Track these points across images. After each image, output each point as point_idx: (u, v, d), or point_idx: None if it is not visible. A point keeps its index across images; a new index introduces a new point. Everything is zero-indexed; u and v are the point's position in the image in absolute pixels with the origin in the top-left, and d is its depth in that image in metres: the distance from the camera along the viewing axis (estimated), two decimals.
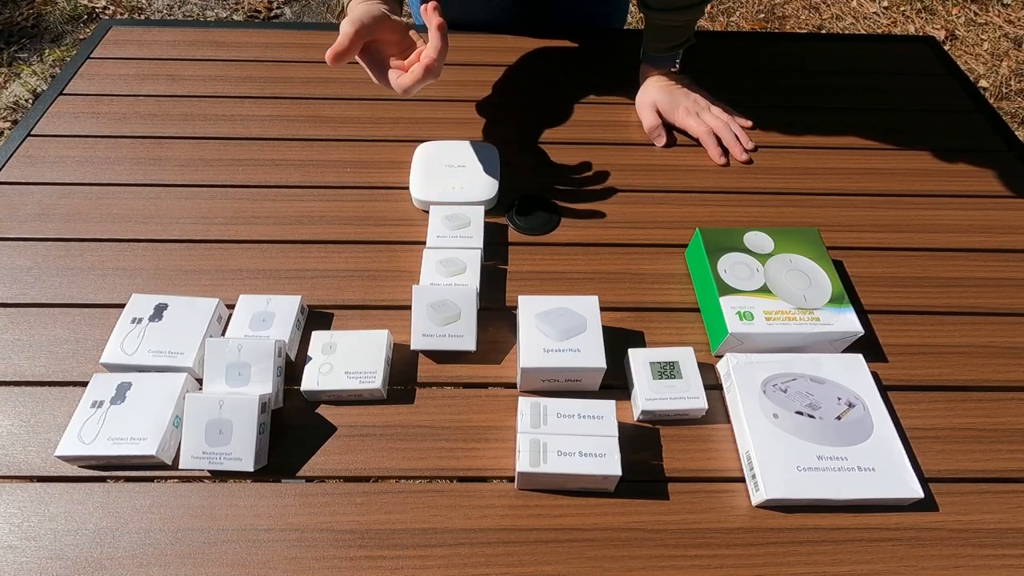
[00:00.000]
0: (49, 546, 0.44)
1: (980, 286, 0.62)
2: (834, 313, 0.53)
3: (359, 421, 0.51)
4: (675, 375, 0.51)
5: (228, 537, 0.45)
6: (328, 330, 0.54)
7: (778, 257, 0.57)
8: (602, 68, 0.85)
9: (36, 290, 0.59)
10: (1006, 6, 2.22)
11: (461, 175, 0.67)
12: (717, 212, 0.68)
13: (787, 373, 0.51)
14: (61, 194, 0.67)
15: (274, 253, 0.62)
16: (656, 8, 0.71)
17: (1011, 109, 1.88)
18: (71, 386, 0.52)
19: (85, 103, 0.78)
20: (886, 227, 0.67)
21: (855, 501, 0.46)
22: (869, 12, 2.20)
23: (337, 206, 0.67)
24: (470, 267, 0.58)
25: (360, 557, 0.44)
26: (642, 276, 0.62)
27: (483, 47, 0.87)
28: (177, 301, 0.55)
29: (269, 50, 0.86)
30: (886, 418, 0.49)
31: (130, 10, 2.15)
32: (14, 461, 0.48)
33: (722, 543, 0.45)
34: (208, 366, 0.49)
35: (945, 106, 0.82)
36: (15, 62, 1.93)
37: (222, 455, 0.46)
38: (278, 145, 0.73)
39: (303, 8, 2.17)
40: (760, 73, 0.85)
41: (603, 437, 0.46)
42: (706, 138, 0.73)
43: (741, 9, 2.22)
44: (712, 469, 0.49)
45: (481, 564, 0.44)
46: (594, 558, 0.45)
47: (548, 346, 0.51)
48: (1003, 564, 0.45)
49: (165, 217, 0.65)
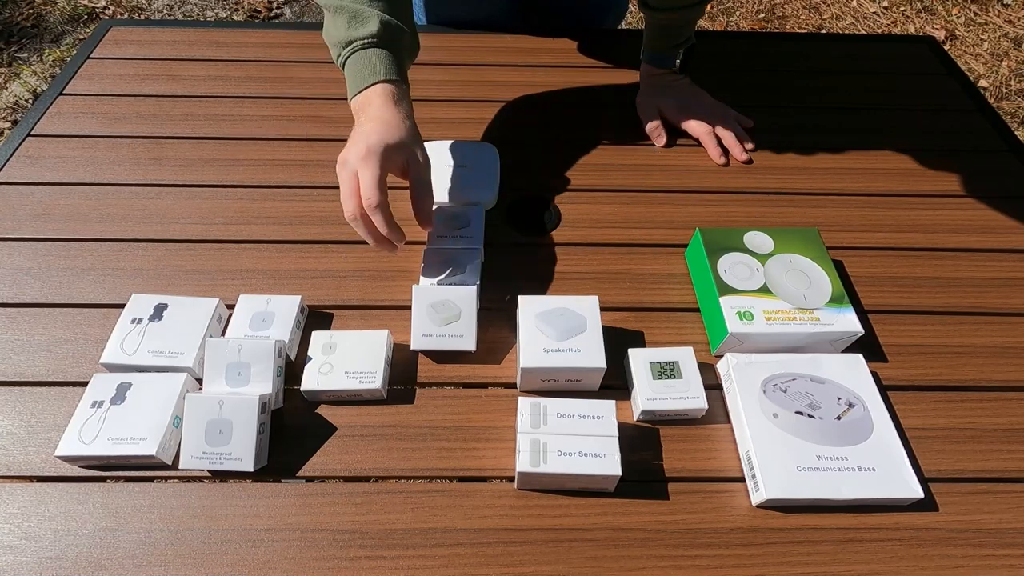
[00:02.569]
0: (49, 546, 0.44)
1: (980, 286, 0.62)
2: (834, 313, 0.53)
3: (359, 421, 0.51)
4: (675, 375, 0.51)
5: (228, 537, 0.45)
6: (328, 330, 0.54)
7: (778, 257, 0.57)
8: (602, 68, 0.85)
9: (36, 290, 0.59)
10: (1006, 6, 2.22)
11: (461, 175, 0.67)
12: (717, 212, 0.68)
13: (787, 373, 0.51)
14: (61, 194, 0.67)
15: (274, 253, 0.62)
16: (657, 7, 0.71)
17: (1011, 109, 1.88)
18: (71, 386, 0.52)
19: (85, 103, 0.78)
20: (886, 227, 0.67)
21: (855, 501, 0.46)
22: (869, 12, 2.20)
23: (337, 206, 0.66)
24: (469, 267, 0.58)
25: (360, 557, 0.44)
26: (642, 276, 0.62)
27: (483, 47, 0.87)
28: (177, 301, 0.55)
29: (269, 50, 0.86)
30: (886, 418, 0.49)
31: (130, 10, 2.15)
32: (14, 461, 0.48)
33: (722, 543, 0.45)
34: (208, 366, 0.49)
35: (945, 106, 0.82)
36: (15, 62, 1.92)
37: (222, 455, 0.46)
38: (278, 145, 0.73)
39: (303, 8, 2.17)
40: (760, 73, 0.85)
41: (603, 437, 0.46)
42: (706, 138, 0.73)
43: (741, 9, 2.22)
44: (712, 469, 0.49)
45: (481, 564, 0.44)
46: (594, 558, 0.45)
47: (548, 346, 0.51)
48: (1003, 564, 0.45)
49: (165, 217, 0.65)
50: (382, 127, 0.52)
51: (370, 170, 0.50)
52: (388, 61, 0.55)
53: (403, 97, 0.56)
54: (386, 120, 0.53)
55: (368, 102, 0.54)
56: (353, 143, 0.53)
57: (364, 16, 0.55)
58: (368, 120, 0.53)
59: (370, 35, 0.55)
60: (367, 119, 0.54)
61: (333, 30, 0.56)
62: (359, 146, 0.51)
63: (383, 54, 0.55)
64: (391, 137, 0.52)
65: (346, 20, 0.55)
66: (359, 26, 0.55)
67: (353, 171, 0.51)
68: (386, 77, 0.55)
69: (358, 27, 0.55)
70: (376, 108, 0.54)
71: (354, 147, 0.52)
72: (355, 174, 0.51)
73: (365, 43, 0.55)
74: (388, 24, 0.56)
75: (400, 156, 0.53)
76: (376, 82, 0.54)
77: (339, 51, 0.56)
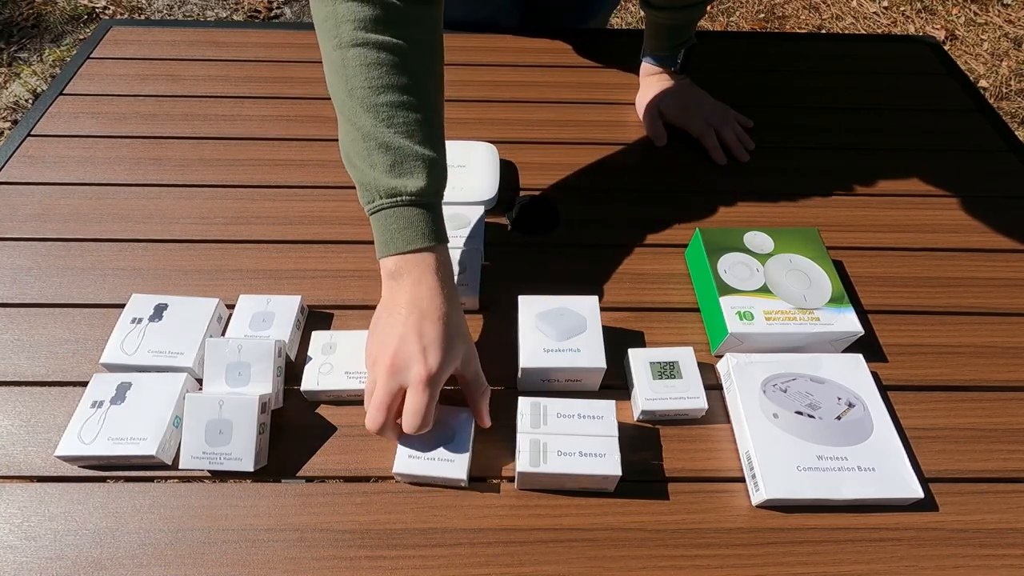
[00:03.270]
0: (49, 546, 0.44)
1: (980, 286, 0.62)
2: (834, 313, 0.53)
3: (359, 421, 0.51)
4: (675, 375, 0.51)
5: (228, 537, 0.45)
6: (328, 330, 0.54)
7: (778, 257, 0.57)
8: (602, 68, 0.85)
9: (36, 290, 0.59)
10: (1006, 6, 2.22)
11: (461, 175, 0.67)
12: (717, 212, 0.68)
13: (787, 373, 0.51)
14: (61, 194, 0.67)
15: (274, 253, 0.62)
16: (658, 6, 0.71)
17: (1011, 109, 1.88)
18: (71, 386, 0.52)
19: (85, 103, 0.78)
20: (886, 227, 0.67)
21: (855, 501, 0.46)
22: (869, 12, 2.20)
23: (337, 206, 0.67)
24: (469, 267, 0.58)
25: (360, 557, 0.44)
26: (642, 276, 0.62)
27: (483, 47, 0.87)
28: (177, 301, 0.55)
29: (269, 50, 0.86)
30: (886, 418, 0.49)
31: (130, 10, 2.15)
32: (14, 461, 0.48)
33: (722, 543, 0.45)
34: (208, 366, 0.49)
35: (945, 106, 0.82)
36: (15, 62, 1.92)
37: (222, 455, 0.46)
38: (278, 145, 0.73)
39: (303, 8, 2.17)
40: (760, 73, 0.85)
41: (603, 437, 0.46)
42: (706, 138, 0.73)
43: (741, 9, 2.22)
44: (712, 469, 0.49)
45: (481, 564, 0.44)
46: (594, 558, 0.45)
47: (548, 346, 0.51)
48: (1003, 564, 0.45)
49: (165, 217, 0.65)
50: (440, 333, 0.45)
51: (426, 398, 0.44)
52: (433, 224, 0.47)
53: (446, 265, 0.48)
54: (441, 319, 0.45)
55: (407, 270, 0.46)
56: (403, 341, 0.44)
57: (415, 161, 0.46)
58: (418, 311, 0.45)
59: (419, 191, 0.46)
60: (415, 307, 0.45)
61: (366, 166, 0.47)
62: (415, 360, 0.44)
63: (427, 216, 0.47)
64: (452, 353, 0.45)
65: (389, 162, 0.46)
66: (405, 175, 0.46)
67: (399, 386, 0.44)
68: (431, 244, 0.47)
69: (404, 176, 0.46)
70: (417, 284, 0.46)
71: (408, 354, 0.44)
72: (401, 390, 0.44)
73: (411, 199, 0.46)
74: (434, 174, 0.47)
75: (456, 367, 0.47)
76: (420, 249, 0.46)
77: (373, 196, 0.47)
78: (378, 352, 0.45)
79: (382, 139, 0.46)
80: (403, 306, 0.46)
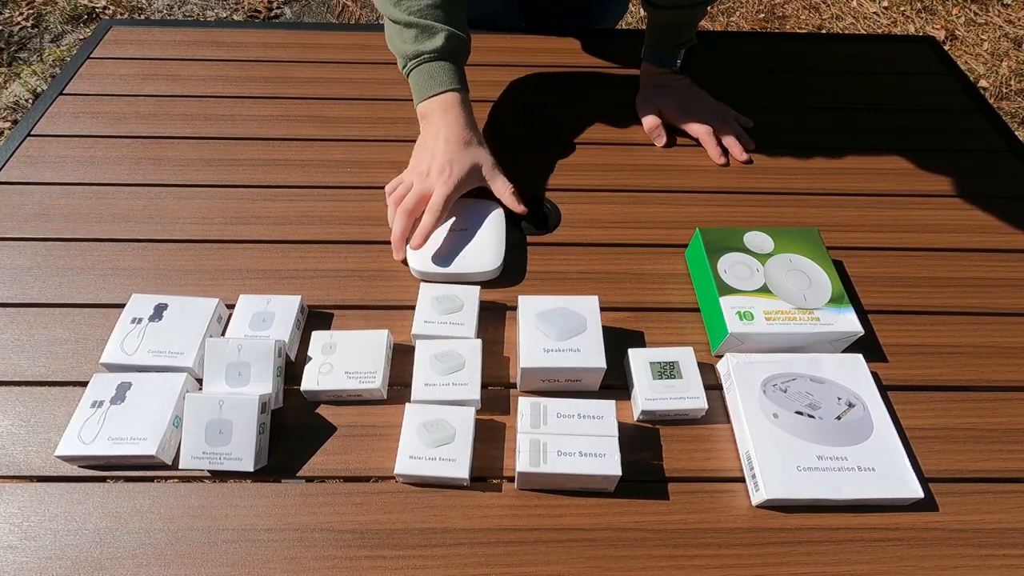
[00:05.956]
0: (49, 546, 0.44)
1: (980, 286, 0.62)
2: (834, 313, 0.53)
3: (359, 421, 0.51)
4: (675, 375, 0.51)
5: (228, 537, 0.45)
6: (328, 330, 0.54)
7: (778, 257, 0.57)
8: (602, 68, 0.85)
9: (36, 290, 0.59)
10: (1006, 6, 2.22)
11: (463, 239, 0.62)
12: (717, 212, 0.68)
13: (787, 373, 0.51)
14: (61, 194, 0.67)
15: (274, 253, 0.62)
16: (661, 5, 0.71)
17: (1011, 109, 1.88)
18: (71, 386, 0.52)
19: (85, 103, 0.78)
20: (886, 227, 0.67)
21: (855, 501, 0.46)
22: (869, 12, 2.20)
23: (337, 206, 0.67)
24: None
25: (360, 557, 0.44)
26: (642, 276, 0.62)
27: (483, 47, 0.87)
28: (177, 301, 0.55)
29: (269, 50, 0.86)
30: (886, 418, 0.49)
31: (130, 10, 2.15)
32: (14, 461, 0.48)
33: (722, 543, 0.45)
34: (208, 366, 0.49)
35: (945, 106, 0.82)
36: (15, 62, 1.92)
37: (222, 455, 0.46)
38: (278, 145, 0.73)
39: (303, 8, 2.17)
40: (760, 73, 0.85)
41: (603, 437, 0.46)
42: (706, 138, 0.73)
43: (741, 9, 2.22)
44: (712, 469, 0.49)
45: (481, 564, 0.44)
46: (594, 558, 0.45)
47: (548, 346, 0.51)
48: (1003, 564, 0.45)
49: (165, 217, 0.65)
50: (457, 147, 0.61)
51: (447, 189, 0.59)
52: (451, 73, 0.62)
53: (465, 103, 0.63)
54: (458, 138, 0.61)
55: (432, 108, 0.62)
56: (432, 159, 0.61)
57: (431, 31, 0.61)
58: (441, 136, 0.61)
59: (436, 49, 0.61)
60: (438, 131, 0.61)
61: (399, 42, 0.62)
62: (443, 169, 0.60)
63: (447, 66, 0.62)
64: (472, 166, 0.61)
65: (414, 34, 0.61)
66: (426, 40, 0.61)
67: (429, 188, 0.60)
68: (450, 87, 0.62)
69: (424, 41, 0.61)
70: (443, 117, 0.61)
71: (436, 166, 0.60)
72: (425, 196, 0.59)
73: (431, 56, 0.61)
74: (451, 37, 0.62)
75: (479, 177, 0.63)
76: (441, 92, 0.62)
77: (405, 62, 0.62)
78: (413, 169, 0.62)
79: (408, 21, 0.61)
80: (431, 136, 0.62)
